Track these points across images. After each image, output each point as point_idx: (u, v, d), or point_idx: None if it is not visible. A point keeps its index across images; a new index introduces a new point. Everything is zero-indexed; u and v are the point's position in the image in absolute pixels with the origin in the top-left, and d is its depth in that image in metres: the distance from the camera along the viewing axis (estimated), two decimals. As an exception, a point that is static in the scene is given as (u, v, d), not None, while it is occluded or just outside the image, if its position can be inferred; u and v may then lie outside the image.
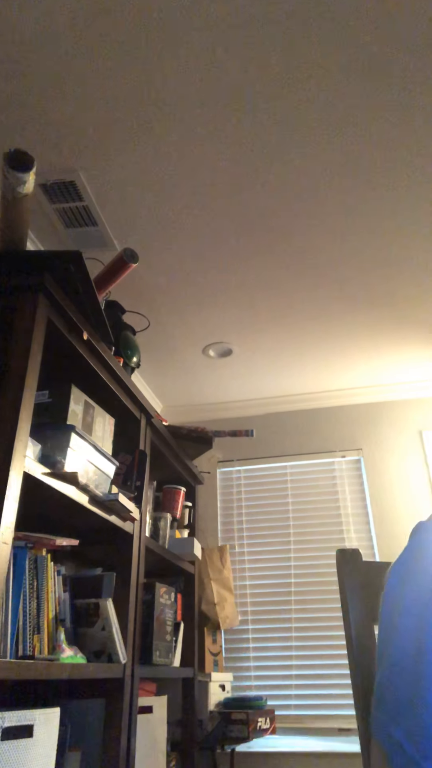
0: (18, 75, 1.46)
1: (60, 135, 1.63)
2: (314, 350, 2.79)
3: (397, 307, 2.43)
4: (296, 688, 2.63)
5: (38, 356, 1.24)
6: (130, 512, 1.59)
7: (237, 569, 2.94)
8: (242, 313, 2.47)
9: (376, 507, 2.90)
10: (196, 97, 1.52)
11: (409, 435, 3.04)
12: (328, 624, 2.72)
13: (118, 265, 1.83)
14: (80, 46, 1.39)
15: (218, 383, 3.12)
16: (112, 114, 1.57)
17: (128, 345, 1.98)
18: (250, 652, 2.75)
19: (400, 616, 0.86)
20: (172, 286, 2.29)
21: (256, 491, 3.12)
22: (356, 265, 2.17)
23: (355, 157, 1.69)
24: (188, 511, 2.48)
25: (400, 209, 1.89)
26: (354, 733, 2.47)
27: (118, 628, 1.50)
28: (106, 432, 1.67)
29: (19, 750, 1.05)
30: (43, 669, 1.13)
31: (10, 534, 1.05)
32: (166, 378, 3.04)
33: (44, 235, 2.00)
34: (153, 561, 2.05)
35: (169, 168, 1.74)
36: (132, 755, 1.47)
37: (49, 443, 1.36)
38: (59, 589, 1.37)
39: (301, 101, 1.53)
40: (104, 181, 1.78)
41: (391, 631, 0.87)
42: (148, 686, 1.89)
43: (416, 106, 1.54)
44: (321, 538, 2.91)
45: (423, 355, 2.82)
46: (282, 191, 1.82)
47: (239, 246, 2.07)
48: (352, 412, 3.19)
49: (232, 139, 1.64)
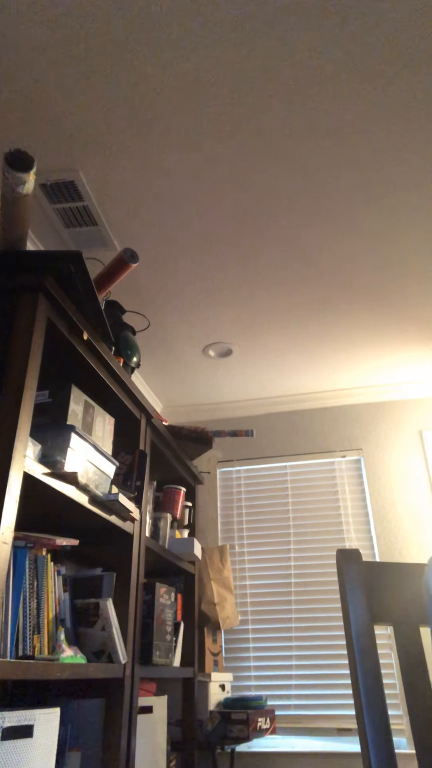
0: (18, 75, 1.46)
1: (60, 135, 1.63)
2: (314, 350, 2.79)
3: (397, 307, 2.43)
4: (296, 688, 2.63)
5: (38, 356, 1.24)
6: (130, 512, 1.59)
7: (237, 569, 2.94)
8: (242, 313, 2.47)
9: (376, 507, 2.90)
10: (195, 96, 1.52)
11: (409, 435, 3.04)
12: (328, 624, 2.72)
13: (118, 265, 1.83)
14: (80, 46, 1.39)
15: (218, 383, 3.12)
16: (112, 114, 1.57)
17: (128, 345, 1.98)
18: (250, 652, 2.75)
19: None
20: (172, 286, 2.29)
21: (256, 491, 3.12)
22: (357, 266, 2.17)
23: (357, 157, 1.69)
24: (188, 511, 2.48)
25: (401, 209, 1.89)
26: (354, 733, 2.47)
27: (118, 628, 1.50)
28: (106, 432, 1.67)
29: (19, 750, 1.05)
30: (43, 669, 1.13)
31: (10, 534, 1.05)
32: (166, 378, 3.04)
33: (44, 235, 2.00)
34: (153, 561, 2.05)
35: (169, 168, 1.74)
36: (132, 755, 1.47)
37: (49, 443, 1.36)
38: (59, 589, 1.37)
39: (303, 100, 1.53)
40: (104, 181, 1.78)
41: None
42: (148, 686, 1.89)
43: (417, 106, 1.54)
44: (321, 538, 2.91)
45: (423, 355, 2.82)
46: (283, 191, 1.82)
47: (239, 246, 2.07)
48: (352, 412, 3.19)
49: (232, 139, 1.64)
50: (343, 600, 1.15)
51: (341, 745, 2.39)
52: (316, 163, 1.72)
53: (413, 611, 1.08)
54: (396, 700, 2.52)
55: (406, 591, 1.10)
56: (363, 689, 1.03)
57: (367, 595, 1.17)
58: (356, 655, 1.08)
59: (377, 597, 1.10)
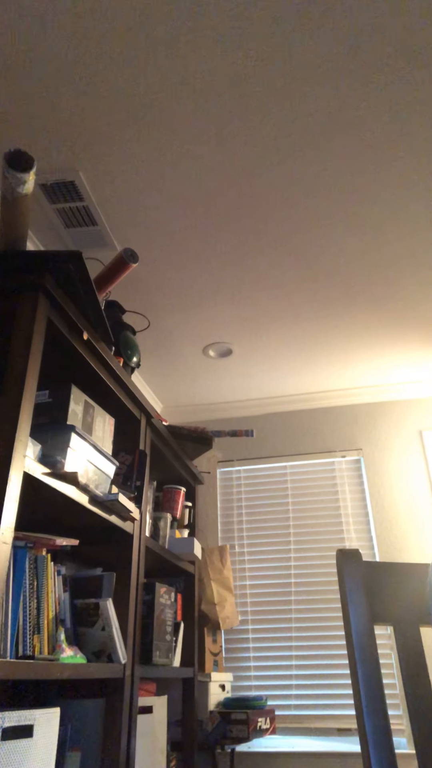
0: (18, 75, 1.46)
1: (60, 135, 1.63)
2: (314, 350, 2.79)
3: (397, 307, 2.43)
4: (296, 688, 2.63)
5: (38, 356, 1.24)
6: (130, 512, 1.59)
7: (237, 569, 2.94)
8: (242, 313, 2.47)
9: (376, 507, 2.90)
10: (196, 96, 1.52)
11: (409, 435, 3.04)
12: (328, 624, 2.72)
13: (118, 265, 1.83)
14: (80, 46, 1.39)
15: (218, 383, 3.12)
16: (112, 114, 1.57)
17: (128, 345, 1.98)
18: (250, 652, 2.75)
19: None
20: (172, 286, 2.29)
21: (256, 491, 3.12)
22: (357, 266, 2.17)
23: (357, 156, 1.69)
24: (188, 511, 2.48)
25: (401, 209, 1.89)
26: (354, 733, 2.47)
27: (118, 628, 1.50)
28: (106, 432, 1.67)
29: (19, 750, 1.05)
30: (43, 669, 1.13)
31: (10, 534, 1.05)
32: (166, 378, 3.04)
33: (44, 235, 2.00)
34: (153, 561, 2.05)
35: (169, 168, 1.74)
36: (132, 755, 1.47)
37: (49, 443, 1.36)
38: (59, 589, 1.37)
39: (304, 101, 1.53)
40: (104, 181, 1.78)
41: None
42: (148, 686, 1.89)
43: (416, 108, 1.54)
44: (321, 538, 2.91)
45: (423, 355, 2.82)
46: (283, 192, 1.82)
47: (239, 246, 2.07)
48: (352, 412, 3.19)
49: (232, 139, 1.64)
50: (343, 600, 1.15)
51: (341, 745, 2.39)
52: (316, 163, 1.72)
53: (413, 611, 1.08)
54: (396, 700, 2.52)
55: (406, 591, 1.10)
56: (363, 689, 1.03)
57: (367, 595, 1.17)
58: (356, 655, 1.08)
59: (377, 597, 1.10)
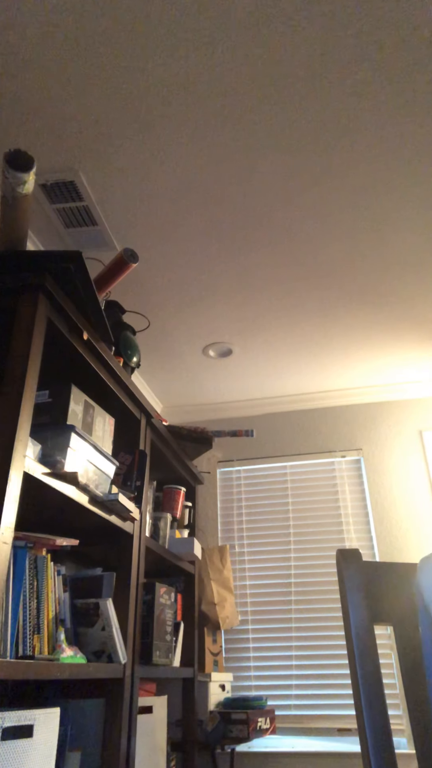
0: (18, 75, 1.46)
1: (60, 135, 1.63)
2: (314, 350, 2.79)
3: (397, 307, 2.43)
4: (296, 688, 2.63)
5: (38, 356, 1.24)
6: (130, 512, 1.59)
7: (237, 569, 2.94)
8: (242, 313, 2.47)
9: (376, 507, 2.90)
10: (196, 96, 1.52)
11: (409, 435, 3.04)
12: (328, 624, 2.72)
13: (118, 265, 1.83)
14: (80, 45, 1.39)
15: (218, 383, 3.12)
16: (112, 114, 1.57)
17: (128, 345, 1.98)
18: (250, 652, 2.75)
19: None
20: (172, 286, 2.29)
21: (256, 491, 3.12)
22: (357, 266, 2.17)
23: (357, 156, 1.69)
24: (188, 511, 2.48)
25: (401, 209, 1.89)
26: (354, 733, 2.47)
27: (118, 628, 1.50)
28: (106, 432, 1.67)
29: (19, 750, 1.05)
30: (43, 669, 1.13)
31: (10, 534, 1.05)
32: (166, 378, 3.04)
33: (44, 235, 2.00)
34: (153, 561, 2.05)
35: (169, 168, 1.74)
36: (132, 755, 1.47)
37: (49, 443, 1.36)
38: (59, 589, 1.37)
39: (304, 101, 1.53)
40: (104, 181, 1.78)
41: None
42: (148, 686, 1.89)
43: (417, 108, 1.54)
44: (321, 538, 2.91)
45: (423, 355, 2.82)
46: (282, 192, 1.82)
47: (240, 246, 2.07)
48: (352, 412, 3.19)
49: (233, 139, 1.64)
50: (343, 600, 1.15)
51: (341, 745, 2.39)
52: (316, 163, 1.72)
53: (413, 611, 1.08)
54: (396, 700, 2.52)
55: (406, 591, 1.10)
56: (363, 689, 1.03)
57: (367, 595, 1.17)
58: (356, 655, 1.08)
59: (377, 597, 1.10)
